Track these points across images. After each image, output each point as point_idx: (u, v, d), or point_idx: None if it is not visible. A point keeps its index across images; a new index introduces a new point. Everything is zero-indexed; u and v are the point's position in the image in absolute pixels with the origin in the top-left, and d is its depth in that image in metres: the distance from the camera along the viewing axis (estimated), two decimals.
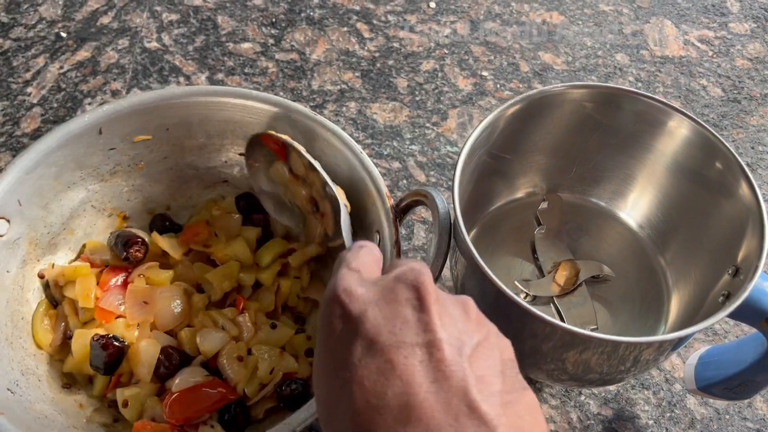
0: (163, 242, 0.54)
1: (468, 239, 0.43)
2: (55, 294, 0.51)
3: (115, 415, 0.48)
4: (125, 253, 0.51)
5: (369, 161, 0.49)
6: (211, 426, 0.47)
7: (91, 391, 0.49)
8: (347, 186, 0.50)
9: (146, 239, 0.53)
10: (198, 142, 0.55)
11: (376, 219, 0.48)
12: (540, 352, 0.46)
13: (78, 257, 0.54)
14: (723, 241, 0.46)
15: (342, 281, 0.29)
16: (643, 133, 0.50)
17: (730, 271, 0.44)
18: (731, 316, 0.41)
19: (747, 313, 0.41)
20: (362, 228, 0.51)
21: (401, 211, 0.48)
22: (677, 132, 0.48)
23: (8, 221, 0.48)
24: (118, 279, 0.51)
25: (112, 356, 0.47)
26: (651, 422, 0.54)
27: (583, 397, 0.55)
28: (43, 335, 0.50)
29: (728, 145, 0.45)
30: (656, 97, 0.48)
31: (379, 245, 0.47)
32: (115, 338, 0.48)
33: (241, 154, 0.56)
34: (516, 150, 0.53)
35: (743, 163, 0.44)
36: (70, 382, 0.50)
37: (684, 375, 0.51)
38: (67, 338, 0.50)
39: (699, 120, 0.47)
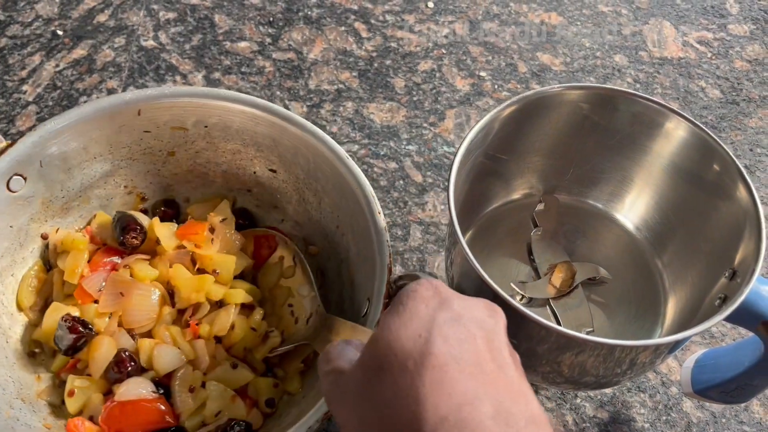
0: (160, 230, 0.53)
1: (463, 241, 0.42)
2: (51, 259, 0.52)
3: (63, 397, 0.48)
4: (122, 238, 0.51)
5: (383, 224, 0.48)
6: None
7: (50, 364, 0.49)
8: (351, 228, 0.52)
9: (145, 226, 0.53)
10: (234, 147, 0.55)
11: (370, 286, 0.47)
12: (535, 355, 0.45)
13: (86, 227, 0.54)
14: (720, 243, 0.46)
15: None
16: (639, 134, 0.49)
17: (726, 274, 0.44)
18: (728, 319, 0.41)
19: (744, 317, 0.41)
20: (353, 286, 0.50)
21: (398, 288, 0.47)
22: (674, 133, 0.48)
23: (24, 179, 0.49)
24: (109, 262, 0.51)
25: (76, 341, 0.47)
26: (647, 425, 0.54)
27: (578, 400, 0.55)
28: (26, 295, 0.50)
29: (725, 147, 0.45)
30: (653, 98, 0.48)
31: (365, 315, 0.46)
32: (84, 323, 0.48)
33: (271, 170, 0.55)
34: (513, 151, 0.52)
35: (740, 165, 0.44)
36: (37, 350, 0.50)
37: (680, 378, 0.51)
38: (47, 305, 0.50)
39: (696, 121, 0.46)
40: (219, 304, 0.52)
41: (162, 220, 0.55)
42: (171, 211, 0.57)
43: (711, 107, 0.72)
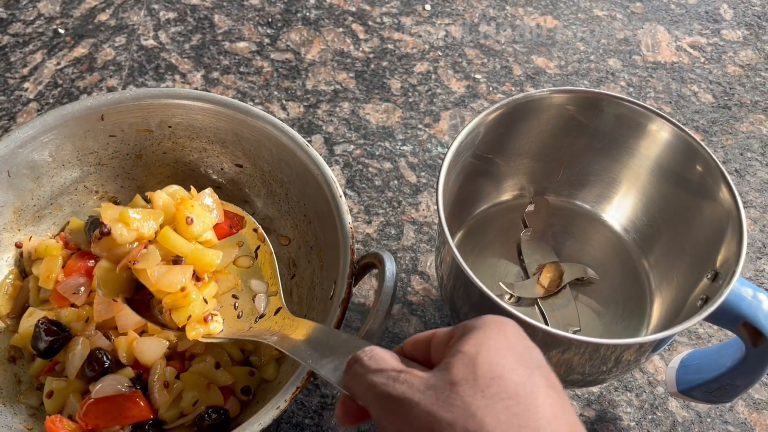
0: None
1: (451, 242, 0.43)
2: (26, 266, 0.53)
3: (43, 399, 0.49)
4: (91, 237, 0.52)
5: (345, 207, 0.49)
6: None
7: (30, 368, 0.50)
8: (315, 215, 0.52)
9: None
10: (199, 145, 0.56)
11: (336, 269, 0.47)
12: None
13: (59, 233, 0.55)
14: (703, 245, 0.47)
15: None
16: (626, 137, 0.50)
17: (709, 276, 0.45)
18: (709, 320, 0.42)
19: (724, 318, 0.42)
20: (322, 270, 0.50)
21: (361, 269, 0.47)
22: (659, 136, 0.49)
23: None
24: (83, 266, 0.52)
25: (52, 343, 0.48)
26: (633, 424, 0.54)
27: None
28: (2, 303, 0.51)
29: (708, 149, 0.46)
30: (639, 101, 0.49)
31: (332, 297, 0.46)
32: (60, 326, 0.49)
33: (238, 165, 0.56)
34: (503, 153, 0.53)
35: (723, 168, 0.45)
36: (16, 355, 0.51)
37: (666, 378, 0.52)
38: (24, 312, 0.51)
39: (679, 124, 0.47)
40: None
41: None
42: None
43: (703, 111, 0.73)
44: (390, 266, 0.44)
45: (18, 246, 0.53)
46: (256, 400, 0.50)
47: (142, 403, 0.48)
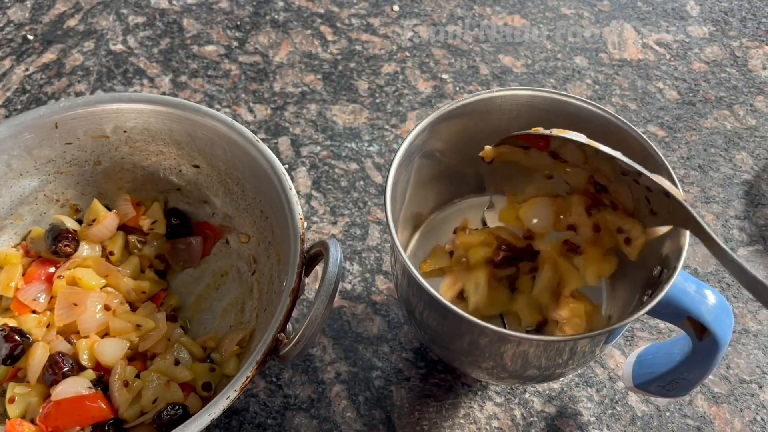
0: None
1: (398, 243, 0.44)
2: None
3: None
4: (54, 247, 0.52)
5: (295, 198, 0.49)
6: None
7: None
8: (261, 212, 0.52)
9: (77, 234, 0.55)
10: (156, 148, 0.56)
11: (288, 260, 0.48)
12: (479, 348, 0.47)
13: (21, 243, 0.55)
14: (653, 241, 0.47)
15: None
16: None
17: (656, 272, 0.45)
18: (654, 314, 0.42)
19: (668, 312, 0.42)
20: (282, 263, 0.51)
21: (311, 258, 0.48)
22: (610, 134, 0.49)
23: None
24: (43, 273, 0.53)
25: (13, 349, 0.49)
26: (593, 419, 0.55)
27: (527, 395, 0.56)
28: None
29: (644, 137, 0.46)
30: (588, 100, 0.49)
31: (284, 288, 0.47)
32: (20, 332, 0.50)
33: (194, 166, 0.57)
34: (458, 153, 0.54)
35: (666, 161, 0.45)
36: None
37: (623, 373, 0.52)
38: None
39: (622, 119, 0.48)
40: None
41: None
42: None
43: (668, 108, 0.73)
44: (334, 251, 0.45)
45: None
46: (216, 396, 0.51)
47: (103, 404, 0.48)
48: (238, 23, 0.79)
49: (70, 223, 0.55)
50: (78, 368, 0.50)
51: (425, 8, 0.82)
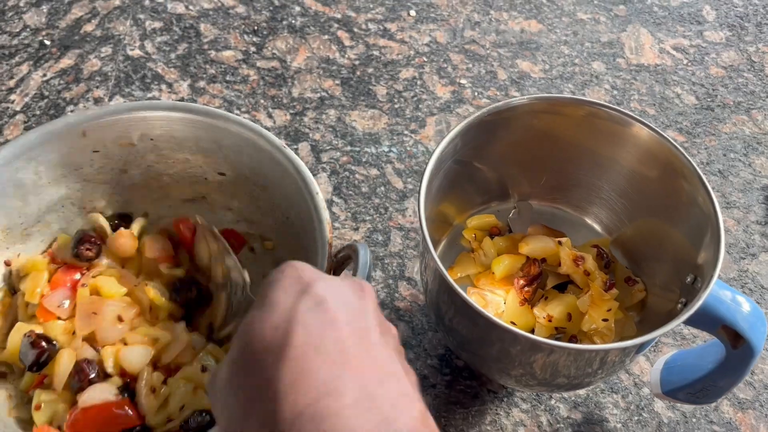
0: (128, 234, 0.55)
1: (432, 249, 0.44)
2: (15, 283, 0.53)
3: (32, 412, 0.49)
4: (76, 250, 0.52)
5: (322, 203, 0.49)
6: None
7: (20, 383, 0.50)
8: (287, 212, 0.52)
9: (105, 234, 0.55)
10: (182, 156, 0.56)
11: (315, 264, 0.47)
12: (508, 356, 0.47)
13: (47, 250, 0.55)
14: (684, 248, 0.47)
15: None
16: (606, 142, 0.51)
17: (689, 279, 0.45)
18: (689, 323, 0.42)
19: (704, 321, 0.42)
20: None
21: (339, 261, 0.47)
22: (639, 140, 0.49)
23: None
24: (69, 280, 0.52)
25: (39, 356, 0.48)
26: (619, 425, 0.55)
27: (553, 401, 0.56)
28: None
29: (685, 154, 0.46)
30: (616, 107, 0.49)
31: None
32: (47, 339, 0.49)
33: (220, 173, 0.57)
34: (485, 159, 0.54)
35: (700, 171, 0.46)
36: (6, 371, 0.51)
37: (650, 380, 0.52)
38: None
39: (657, 129, 0.48)
40: None
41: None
42: (125, 224, 0.58)
43: (686, 113, 0.73)
44: (363, 254, 0.44)
45: (7, 264, 0.53)
46: None
47: (130, 411, 0.48)
48: (255, 28, 0.79)
49: (104, 222, 0.55)
50: (104, 375, 0.50)
51: (442, 13, 0.82)
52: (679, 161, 0.47)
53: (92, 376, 0.49)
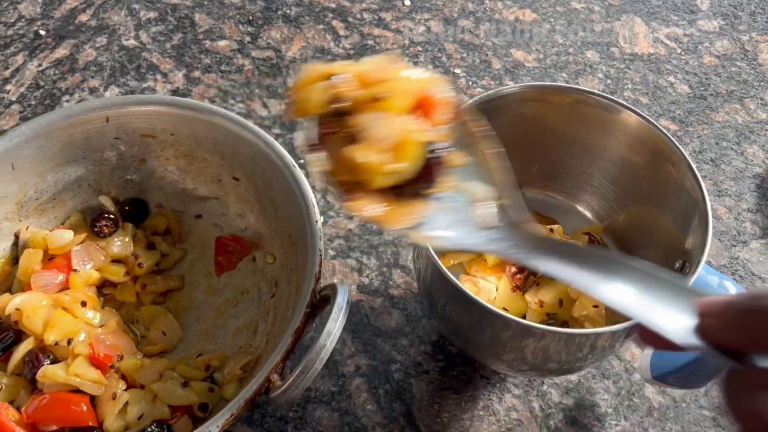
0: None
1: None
2: (20, 255, 0.54)
3: None
4: (95, 227, 0.54)
5: (319, 233, 0.48)
6: None
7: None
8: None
9: (119, 221, 0.56)
10: (200, 155, 0.57)
11: (304, 295, 0.46)
12: (500, 342, 0.47)
13: (59, 227, 0.57)
14: (673, 235, 0.48)
15: None
16: (596, 129, 0.51)
17: (677, 265, 0.46)
18: None
19: None
20: (299, 294, 0.48)
21: (321, 298, 0.46)
22: (628, 128, 0.50)
23: None
24: (67, 264, 0.54)
25: (3, 339, 0.50)
26: (610, 410, 0.56)
27: (545, 387, 0.57)
28: None
29: (674, 140, 0.47)
30: (606, 95, 0.50)
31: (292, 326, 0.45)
32: (6, 325, 0.50)
33: (234, 178, 0.57)
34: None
35: (689, 158, 0.46)
36: None
37: (640, 365, 0.53)
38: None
39: (646, 116, 0.48)
40: None
41: (124, 218, 0.57)
42: (133, 210, 0.58)
43: (679, 102, 0.74)
44: (341, 298, 0.43)
45: (17, 236, 0.55)
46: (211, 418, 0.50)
47: (85, 407, 0.48)
48: (250, 18, 0.79)
49: (112, 207, 0.57)
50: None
51: (436, 2, 0.82)
52: (667, 147, 0.47)
53: (46, 363, 0.49)
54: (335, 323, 0.42)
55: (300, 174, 0.51)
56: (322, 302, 0.46)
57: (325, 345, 0.41)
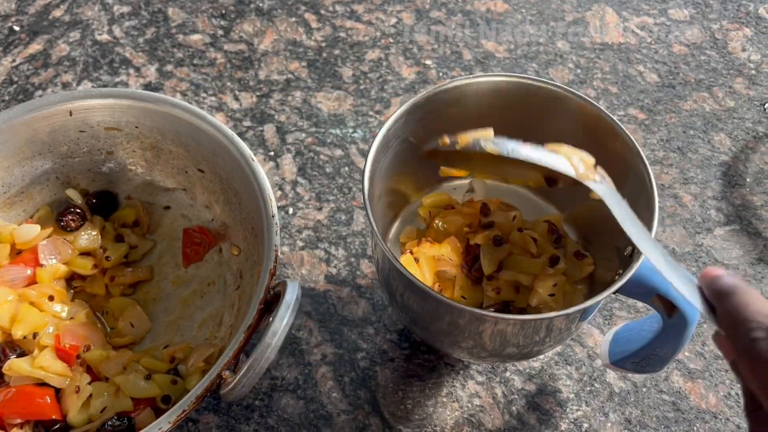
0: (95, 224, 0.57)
1: (375, 227, 0.45)
2: None
3: None
4: (61, 221, 0.55)
5: (276, 228, 0.48)
6: None
7: None
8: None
9: (87, 214, 0.57)
10: (166, 147, 0.58)
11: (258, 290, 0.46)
12: (458, 329, 0.48)
13: (27, 220, 0.58)
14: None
15: None
16: (551, 117, 0.52)
17: (626, 252, 0.47)
18: (624, 293, 0.44)
19: (638, 291, 0.44)
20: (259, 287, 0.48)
21: (274, 295, 0.47)
22: (575, 114, 0.50)
23: None
24: (34, 259, 0.54)
25: None
26: (572, 396, 0.57)
27: (508, 374, 0.58)
28: None
29: (621, 125, 0.47)
30: (558, 84, 0.50)
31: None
32: None
33: (200, 170, 0.58)
34: (436, 138, 0.55)
35: (635, 142, 0.47)
36: None
37: (600, 351, 0.54)
38: None
39: (595, 103, 0.49)
40: None
41: (93, 211, 0.58)
42: (102, 202, 0.59)
43: (648, 91, 0.74)
44: (289, 296, 0.43)
45: None
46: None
47: (49, 400, 0.49)
48: (223, 12, 0.80)
49: (79, 200, 0.58)
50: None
51: None
52: (615, 131, 0.48)
53: (12, 357, 0.50)
54: (281, 322, 0.43)
55: (258, 168, 0.52)
56: (276, 298, 0.47)
57: (270, 344, 0.42)
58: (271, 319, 0.43)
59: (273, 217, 0.49)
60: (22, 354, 0.52)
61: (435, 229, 0.55)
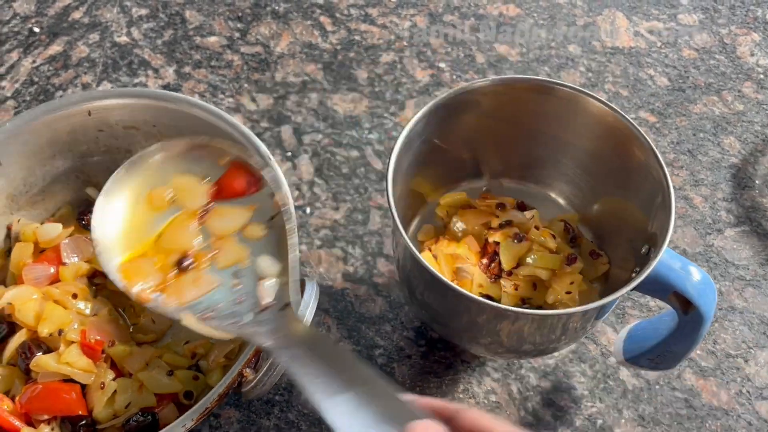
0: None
1: (400, 225, 0.46)
2: (12, 247, 0.56)
3: None
4: (82, 220, 0.56)
5: (294, 239, 0.44)
6: (51, 429, 0.49)
7: None
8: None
9: None
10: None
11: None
12: (477, 325, 0.49)
13: (48, 218, 0.58)
14: (640, 220, 0.50)
15: None
16: (568, 120, 0.53)
17: (644, 250, 0.48)
18: (641, 290, 0.45)
19: (655, 288, 0.45)
20: None
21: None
22: (591, 116, 0.51)
23: None
24: (57, 257, 0.55)
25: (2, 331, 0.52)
26: (586, 393, 0.58)
27: (523, 371, 0.59)
28: None
29: (639, 128, 0.49)
30: (573, 85, 0.51)
31: None
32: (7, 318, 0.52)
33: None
34: (454, 139, 0.56)
35: (653, 143, 0.48)
36: None
37: (614, 348, 0.55)
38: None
39: (609, 103, 0.50)
40: None
41: None
42: None
43: (658, 94, 0.75)
44: (308, 294, 0.43)
45: (9, 228, 0.57)
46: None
47: (75, 396, 0.50)
48: (240, 14, 0.81)
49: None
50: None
51: None
52: (631, 133, 0.49)
53: (39, 354, 0.51)
54: (304, 313, 0.43)
55: (276, 167, 0.53)
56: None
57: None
58: None
59: (286, 207, 0.50)
60: (47, 351, 0.53)
61: (452, 228, 0.56)
